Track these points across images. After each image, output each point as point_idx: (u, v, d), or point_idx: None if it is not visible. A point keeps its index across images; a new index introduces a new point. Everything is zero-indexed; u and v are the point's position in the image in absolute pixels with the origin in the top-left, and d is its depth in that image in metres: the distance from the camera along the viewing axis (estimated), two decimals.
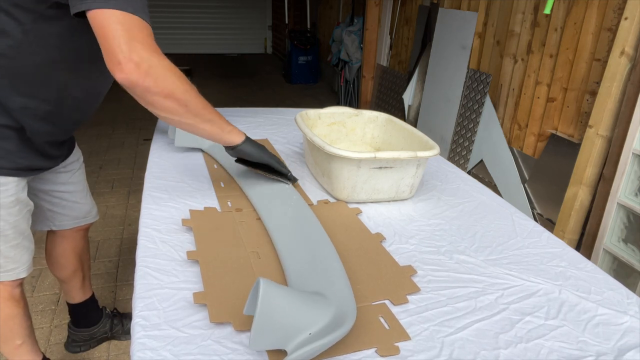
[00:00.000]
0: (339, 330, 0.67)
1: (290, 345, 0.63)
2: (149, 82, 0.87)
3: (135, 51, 0.84)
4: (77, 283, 1.57)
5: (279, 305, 0.64)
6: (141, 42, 0.85)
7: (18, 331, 1.28)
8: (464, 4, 3.06)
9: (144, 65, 0.85)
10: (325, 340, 0.65)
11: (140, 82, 0.86)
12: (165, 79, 0.89)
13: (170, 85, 0.90)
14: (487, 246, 1.01)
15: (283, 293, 0.66)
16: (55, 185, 1.33)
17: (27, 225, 1.18)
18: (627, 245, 1.94)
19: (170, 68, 0.90)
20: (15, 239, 1.14)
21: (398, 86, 3.99)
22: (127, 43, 0.84)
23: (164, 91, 0.89)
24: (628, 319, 0.80)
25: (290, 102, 5.43)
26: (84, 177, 1.44)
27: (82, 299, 1.62)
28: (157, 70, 0.87)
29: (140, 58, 0.85)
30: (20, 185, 1.11)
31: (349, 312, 0.72)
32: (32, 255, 1.23)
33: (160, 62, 0.88)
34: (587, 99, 2.19)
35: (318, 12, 6.29)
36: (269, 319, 0.62)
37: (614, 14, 2.03)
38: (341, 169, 1.11)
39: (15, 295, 1.23)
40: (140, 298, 0.77)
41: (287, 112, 1.89)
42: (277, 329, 0.63)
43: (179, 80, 0.91)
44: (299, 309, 0.66)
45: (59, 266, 1.52)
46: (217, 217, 1.04)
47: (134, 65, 0.84)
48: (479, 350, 0.71)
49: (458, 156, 3.09)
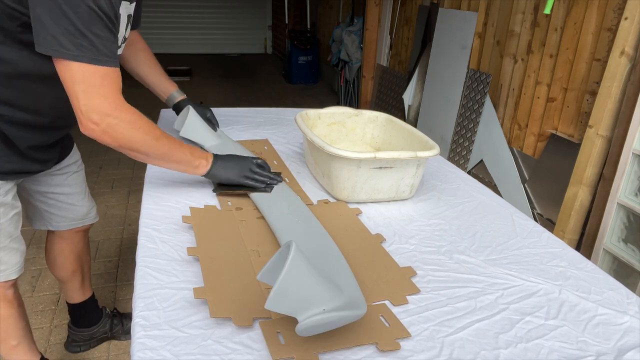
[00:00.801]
0: (351, 311, 0.68)
1: (302, 315, 0.64)
2: (108, 140, 0.93)
3: (93, 110, 0.89)
4: (76, 283, 1.57)
5: (304, 274, 0.65)
6: (101, 98, 0.89)
7: (12, 332, 1.27)
8: (464, 4, 3.06)
9: (102, 124, 0.91)
10: (339, 314, 0.66)
11: (100, 140, 0.93)
12: (123, 136, 0.94)
13: (128, 142, 0.96)
14: (487, 246, 1.01)
15: (309, 264, 0.67)
16: (49, 187, 1.32)
17: (14, 227, 1.17)
18: (627, 245, 1.94)
19: (130, 121, 0.94)
20: (2, 241, 1.14)
21: (398, 86, 3.99)
22: (86, 103, 0.89)
23: (124, 146, 0.96)
24: (628, 319, 0.80)
25: (290, 102, 5.43)
26: (82, 180, 1.43)
27: (82, 299, 1.61)
28: (115, 128, 0.92)
29: (98, 118, 0.90)
30: (3, 189, 1.10)
31: (361, 302, 0.73)
32: (23, 257, 1.22)
33: (119, 118, 0.92)
34: (587, 99, 2.19)
35: (318, 12, 6.29)
36: (292, 283, 0.63)
37: (614, 14, 2.03)
38: (341, 169, 1.11)
39: (7, 297, 1.22)
40: (140, 298, 0.77)
41: (287, 112, 1.89)
42: (295, 297, 0.64)
43: (139, 133, 0.96)
44: (320, 284, 0.67)
45: (57, 266, 1.52)
46: (217, 214, 1.04)
47: (93, 124, 0.90)
48: (479, 350, 0.71)
49: (458, 156, 3.09)
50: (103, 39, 0.88)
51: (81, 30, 0.84)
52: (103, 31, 0.87)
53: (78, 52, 0.85)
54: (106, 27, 0.88)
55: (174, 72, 5.50)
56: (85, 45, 0.85)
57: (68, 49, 0.85)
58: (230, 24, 8.31)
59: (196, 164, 1.08)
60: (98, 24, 0.86)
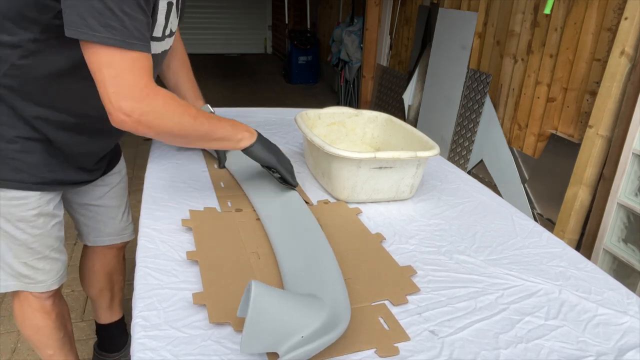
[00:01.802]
0: (331, 333, 0.66)
1: (282, 349, 0.63)
2: (143, 129, 0.85)
3: (124, 100, 0.81)
4: (104, 303, 1.51)
5: (270, 308, 0.63)
6: (131, 84, 0.81)
7: (47, 342, 1.26)
8: (464, 4, 3.06)
9: (135, 114, 0.82)
10: (317, 343, 0.64)
11: (134, 130, 0.86)
12: (160, 122, 0.86)
13: (165, 127, 0.87)
14: (487, 246, 1.01)
15: (275, 296, 0.66)
16: (91, 199, 1.27)
17: (55, 238, 1.13)
18: (627, 245, 1.94)
19: (165, 105, 0.86)
20: (41, 252, 1.11)
21: (398, 86, 3.99)
22: (115, 92, 0.80)
23: (161, 133, 0.88)
24: (628, 319, 0.80)
25: (290, 102, 5.43)
26: (124, 193, 1.37)
27: (109, 320, 1.55)
28: (149, 116, 0.84)
29: (130, 107, 0.81)
30: (44, 199, 1.06)
31: (343, 315, 0.72)
32: (65, 267, 1.19)
33: (152, 105, 0.84)
34: (587, 99, 2.19)
35: (318, 12, 6.29)
36: (261, 322, 0.62)
37: (614, 14, 2.03)
38: (341, 169, 1.11)
39: (46, 307, 1.20)
40: (140, 298, 0.77)
41: (287, 112, 1.89)
42: (268, 333, 0.63)
43: (176, 117, 0.88)
44: (291, 312, 0.66)
45: (86, 282, 1.47)
46: (217, 217, 1.04)
47: (124, 115, 0.82)
48: (479, 350, 0.71)
49: (458, 156, 3.09)
50: (135, 19, 0.79)
51: (111, 8, 0.76)
52: (135, 10, 0.79)
53: (107, 34, 0.77)
54: (139, 7, 0.79)
55: None
56: (114, 25, 0.77)
57: (96, 30, 0.76)
58: (230, 24, 8.31)
59: (239, 137, 1.01)
60: (130, 2, 0.78)
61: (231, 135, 1.00)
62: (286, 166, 1.09)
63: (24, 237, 1.07)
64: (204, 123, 0.93)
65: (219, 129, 0.97)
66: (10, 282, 1.12)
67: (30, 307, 1.20)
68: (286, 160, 1.11)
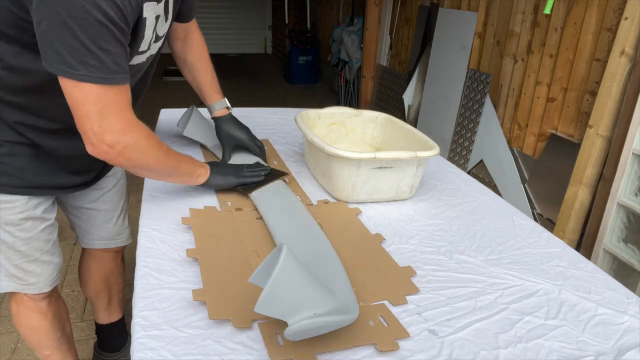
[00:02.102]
0: (342, 316, 0.67)
1: (292, 319, 0.63)
2: (122, 162, 0.89)
3: (108, 132, 0.83)
4: (101, 304, 1.50)
5: (295, 277, 0.64)
6: (115, 118, 0.83)
7: (45, 342, 1.25)
8: (464, 4, 3.06)
9: (118, 147, 0.85)
10: (327, 320, 0.65)
11: (114, 162, 0.88)
12: (139, 156, 0.90)
13: (143, 160, 0.92)
14: (487, 246, 1.01)
15: (301, 267, 0.66)
16: (84, 202, 1.26)
17: (45, 241, 1.12)
18: (627, 245, 1.94)
19: (145, 142, 0.89)
20: (31, 254, 1.10)
21: (398, 86, 3.99)
22: (100, 125, 0.82)
23: (137, 166, 0.93)
24: (628, 319, 0.80)
25: (290, 102, 5.43)
26: (121, 197, 1.36)
27: (108, 321, 1.54)
28: (130, 151, 0.87)
29: (113, 140, 0.84)
30: (32, 203, 1.05)
31: (353, 306, 0.73)
32: (58, 269, 1.18)
33: (134, 139, 0.87)
34: (587, 99, 2.19)
35: (318, 12, 6.29)
36: (283, 287, 0.63)
37: (614, 14, 2.03)
38: (341, 169, 1.11)
39: (41, 308, 1.20)
40: (140, 298, 0.77)
41: (287, 112, 1.89)
42: (286, 299, 0.63)
43: (152, 151, 0.92)
44: (311, 287, 0.66)
45: (83, 282, 1.47)
46: (217, 216, 1.04)
47: (107, 147, 0.85)
48: (479, 350, 0.71)
49: (458, 156, 3.09)
50: (113, 54, 0.79)
51: (87, 47, 0.75)
52: (113, 45, 0.78)
53: (85, 72, 0.77)
54: (116, 40, 0.79)
55: (174, 72, 5.49)
56: (93, 63, 0.77)
57: (74, 68, 0.76)
58: (230, 24, 8.31)
59: (198, 174, 1.07)
60: (106, 37, 0.77)
61: (192, 171, 1.05)
62: (246, 174, 1.14)
63: (12, 240, 1.06)
64: (173, 159, 0.98)
65: (182, 165, 1.02)
66: (5, 283, 1.12)
67: (26, 307, 1.19)
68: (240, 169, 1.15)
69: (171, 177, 1.03)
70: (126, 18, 0.79)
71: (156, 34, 0.97)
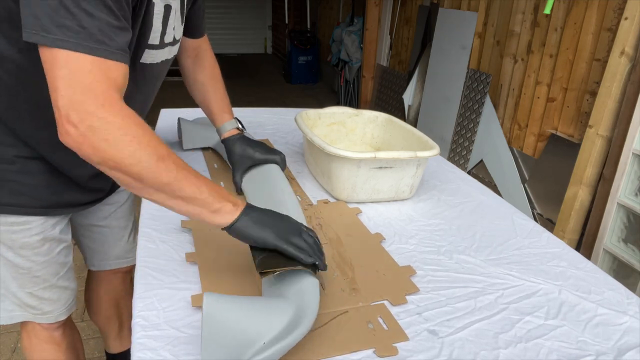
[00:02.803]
0: (295, 332, 0.64)
1: (245, 357, 0.62)
2: (87, 149, 0.66)
3: (74, 105, 0.65)
4: (112, 332, 1.41)
5: (226, 319, 0.62)
6: (86, 91, 0.66)
7: None
8: (464, 4, 3.06)
9: (82, 126, 0.65)
10: (281, 345, 0.63)
11: (78, 149, 0.67)
12: (108, 146, 0.66)
13: (113, 155, 0.66)
14: (487, 246, 1.01)
15: (230, 306, 0.63)
16: (96, 220, 1.18)
17: (61, 264, 1.04)
18: (627, 245, 1.94)
19: (123, 128, 0.67)
20: (47, 280, 1.02)
21: (398, 86, 3.99)
22: (65, 94, 0.65)
23: (107, 161, 0.67)
24: (628, 319, 0.80)
25: (290, 102, 5.43)
26: (131, 212, 1.27)
27: (119, 350, 1.44)
28: (97, 134, 0.65)
29: (78, 117, 0.65)
30: (48, 223, 0.97)
31: (310, 308, 0.69)
32: (74, 295, 1.11)
33: (106, 120, 0.66)
34: (587, 99, 2.19)
35: (318, 12, 6.29)
36: (218, 334, 0.61)
37: (614, 14, 2.03)
38: (341, 169, 1.11)
39: (55, 338, 1.12)
40: (140, 298, 0.77)
41: (287, 112, 1.89)
42: (227, 345, 0.61)
43: (132, 146, 0.67)
44: (248, 321, 0.63)
45: (92, 309, 1.38)
46: None
47: (70, 125, 0.65)
48: (479, 350, 0.71)
49: (458, 156, 3.09)
50: (97, 19, 0.66)
51: (66, 6, 0.64)
52: (99, 9, 0.66)
53: (60, 35, 0.64)
54: (105, 6, 0.67)
55: (173, 72, 5.48)
56: (69, 25, 0.64)
57: (49, 32, 0.64)
58: (230, 24, 8.31)
59: (216, 207, 0.73)
60: (92, 1, 0.65)
61: (204, 200, 0.72)
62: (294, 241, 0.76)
63: (28, 265, 0.98)
64: (171, 170, 0.70)
65: (189, 185, 0.71)
66: (16, 313, 1.04)
67: (37, 338, 1.12)
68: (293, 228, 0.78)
69: (168, 198, 0.72)
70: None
71: (174, 37, 0.92)
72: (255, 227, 0.75)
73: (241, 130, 1.18)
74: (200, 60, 1.19)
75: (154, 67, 0.94)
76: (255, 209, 0.78)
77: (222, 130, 1.16)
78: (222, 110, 1.17)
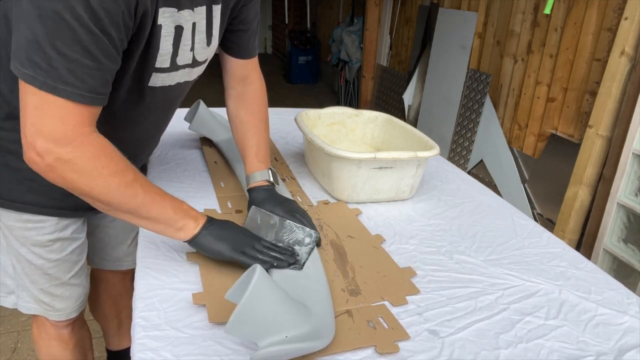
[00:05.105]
0: (314, 342, 0.65)
1: (263, 342, 0.62)
2: (55, 178, 0.69)
3: (42, 137, 0.66)
4: (111, 329, 1.42)
5: (267, 299, 0.63)
6: (56, 121, 0.66)
7: None
8: (464, 4, 3.06)
9: (49, 158, 0.67)
10: (298, 346, 0.63)
11: (46, 177, 0.70)
12: (77, 178, 0.69)
13: (82, 186, 0.70)
14: (487, 246, 1.01)
15: (274, 288, 0.65)
16: (105, 220, 1.18)
17: (74, 263, 1.04)
18: (627, 245, 1.94)
19: (92, 160, 0.69)
20: (59, 277, 1.02)
21: (398, 86, 3.99)
22: (35, 122, 0.66)
23: (75, 190, 0.71)
24: (628, 319, 0.80)
25: (290, 102, 5.43)
26: None
27: (118, 347, 1.45)
28: (65, 166, 0.68)
29: (45, 149, 0.66)
30: (62, 224, 0.98)
31: (328, 329, 0.70)
32: (86, 292, 1.11)
33: (76, 154, 0.68)
34: (587, 99, 2.19)
35: (318, 12, 6.29)
36: (254, 309, 0.62)
37: (614, 14, 2.03)
38: (341, 169, 1.11)
39: (63, 336, 1.13)
40: (140, 298, 0.77)
41: (287, 112, 1.89)
42: (257, 323, 0.62)
43: (101, 178, 0.70)
44: (283, 309, 0.65)
45: (92, 306, 1.38)
46: (217, 218, 1.03)
47: (36, 155, 0.67)
48: (479, 350, 0.71)
49: (458, 156, 3.09)
50: (69, 60, 0.64)
51: (39, 42, 0.63)
52: (73, 50, 0.64)
53: (30, 71, 0.64)
54: (81, 47, 0.65)
55: None
56: (39, 63, 0.64)
57: (22, 65, 0.65)
58: None
59: (180, 225, 0.79)
60: (66, 40, 0.63)
61: (169, 219, 0.78)
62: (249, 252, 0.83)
63: (40, 263, 0.99)
64: (137, 195, 0.74)
65: (154, 207, 0.77)
66: (32, 305, 1.05)
67: (46, 334, 1.12)
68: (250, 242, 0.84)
69: (137, 219, 0.77)
70: (101, 21, 0.65)
71: (194, 57, 0.87)
72: (212, 241, 0.82)
73: (271, 183, 1.02)
74: (246, 92, 1.08)
75: (167, 90, 0.89)
76: (214, 222, 0.83)
77: (250, 179, 1.02)
78: (256, 158, 1.04)
